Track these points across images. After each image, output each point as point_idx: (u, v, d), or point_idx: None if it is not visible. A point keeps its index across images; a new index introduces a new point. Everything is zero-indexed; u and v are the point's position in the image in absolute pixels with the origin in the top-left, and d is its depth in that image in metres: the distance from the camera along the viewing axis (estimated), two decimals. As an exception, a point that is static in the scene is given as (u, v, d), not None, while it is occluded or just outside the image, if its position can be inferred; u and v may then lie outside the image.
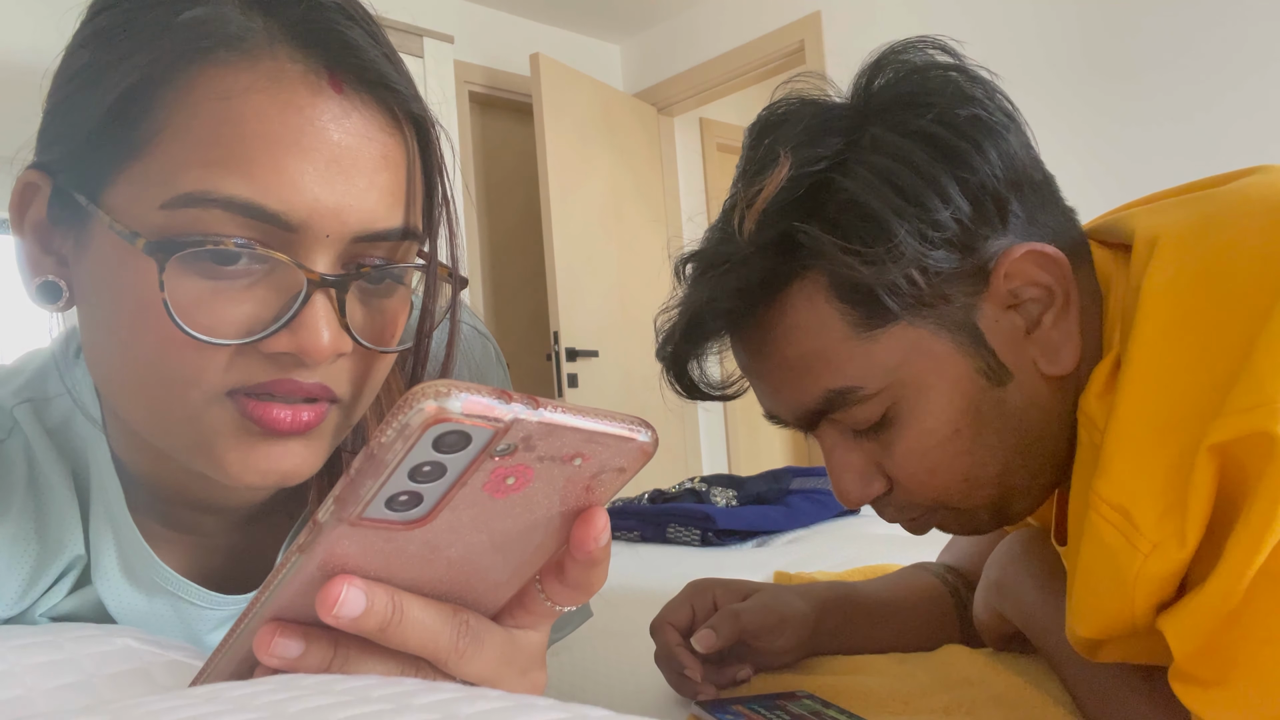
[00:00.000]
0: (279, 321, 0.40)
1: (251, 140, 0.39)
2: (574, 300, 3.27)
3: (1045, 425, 0.52)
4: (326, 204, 0.40)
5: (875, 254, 0.49)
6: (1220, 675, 0.40)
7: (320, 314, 0.40)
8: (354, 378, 0.45)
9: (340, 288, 0.41)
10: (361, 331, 0.44)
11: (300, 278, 0.40)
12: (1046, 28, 2.63)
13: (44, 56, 0.44)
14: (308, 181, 0.39)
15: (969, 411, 0.51)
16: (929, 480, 0.53)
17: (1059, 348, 0.51)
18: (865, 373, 0.52)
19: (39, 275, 0.44)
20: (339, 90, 0.41)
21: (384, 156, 0.42)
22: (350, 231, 0.41)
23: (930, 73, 0.53)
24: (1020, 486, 0.54)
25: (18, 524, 0.47)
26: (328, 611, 0.28)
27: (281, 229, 0.40)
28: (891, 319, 0.51)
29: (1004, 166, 0.50)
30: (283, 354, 0.41)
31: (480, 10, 3.53)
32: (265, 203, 0.39)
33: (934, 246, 0.49)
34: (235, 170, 0.38)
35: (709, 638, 0.64)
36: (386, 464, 0.25)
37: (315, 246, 0.41)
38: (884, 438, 0.53)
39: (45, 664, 0.38)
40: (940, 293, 0.50)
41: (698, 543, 1.42)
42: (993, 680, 0.63)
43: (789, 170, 0.51)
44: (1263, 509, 0.37)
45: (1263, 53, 2.25)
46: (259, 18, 0.40)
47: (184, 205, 0.38)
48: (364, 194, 0.41)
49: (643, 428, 0.28)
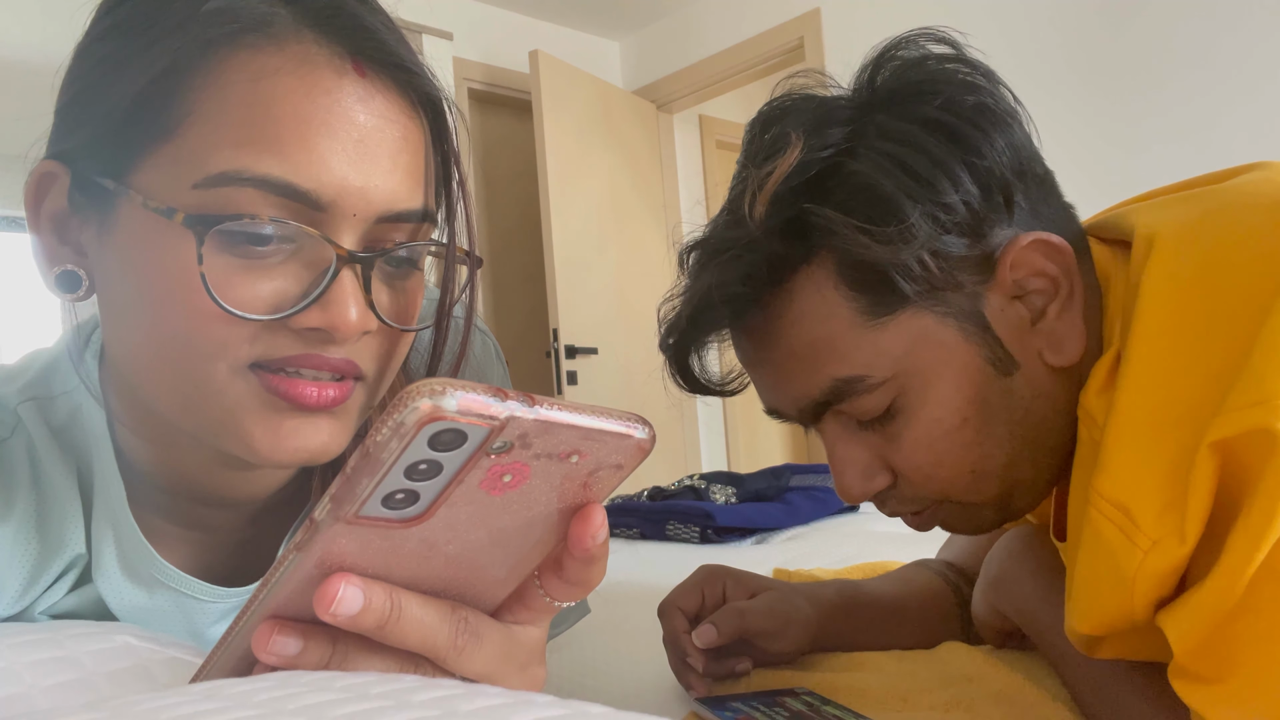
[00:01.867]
0: (309, 297, 0.41)
1: (282, 120, 0.40)
2: (573, 297, 3.27)
3: (1051, 418, 0.52)
4: (354, 183, 0.41)
5: (888, 234, 0.48)
6: (1220, 672, 0.40)
7: (349, 290, 0.42)
8: (378, 355, 0.46)
9: (367, 265, 0.42)
10: (385, 310, 0.45)
11: (330, 253, 0.42)
12: (1042, 24, 2.63)
13: (43, 55, 0.44)
14: (336, 161, 0.41)
15: (976, 401, 0.51)
16: (935, 472, 0.53)
17: (1064, 338, 0.51)
18: (872, 361, 0.51)
19: (57, 265, 0.45)
20: (362, 74, 0.42)
21: (404, 138, 0.44)
22: (375, 211, 0.42)
23: (934, 63, 0.53)
24: (1025, 480, 0.54)
25: (19, 522, 0.47)
26: (325, 609, 0.28)
27: (311, 207, 0.41)
28: (899, 305, 0.50)
29: (1010, 155, 0.50)
30: (310, 330, 0.42)
31: (479, 7, 3.52)
32: (297, 181, 0.40)
33: (945, 230, 0.49)
34: (267, 150, 0.40)
35: (710, 633, 0.64)
36: (382, 462, 0.25)
37: (343, 225, 0.42)
38: (889, 429, 0.53)
39: (45, 661, 0.38)
40: (950, 279, 0.50)
41: (697, 540, 1.42)
42: (992, 677, 0.63)
43: (800, 153, 0.51)
44: (1263, 506, 0.37)
45: (1265, 52, 2.24)
46: (282, 6, 0.42)
47: (217, 184, 0.39)
48: (388, 174, 0.43)
49: (639, 424, 0.28)
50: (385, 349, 0.46)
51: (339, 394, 0.44)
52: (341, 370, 0.43)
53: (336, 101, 0.41)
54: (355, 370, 0.44)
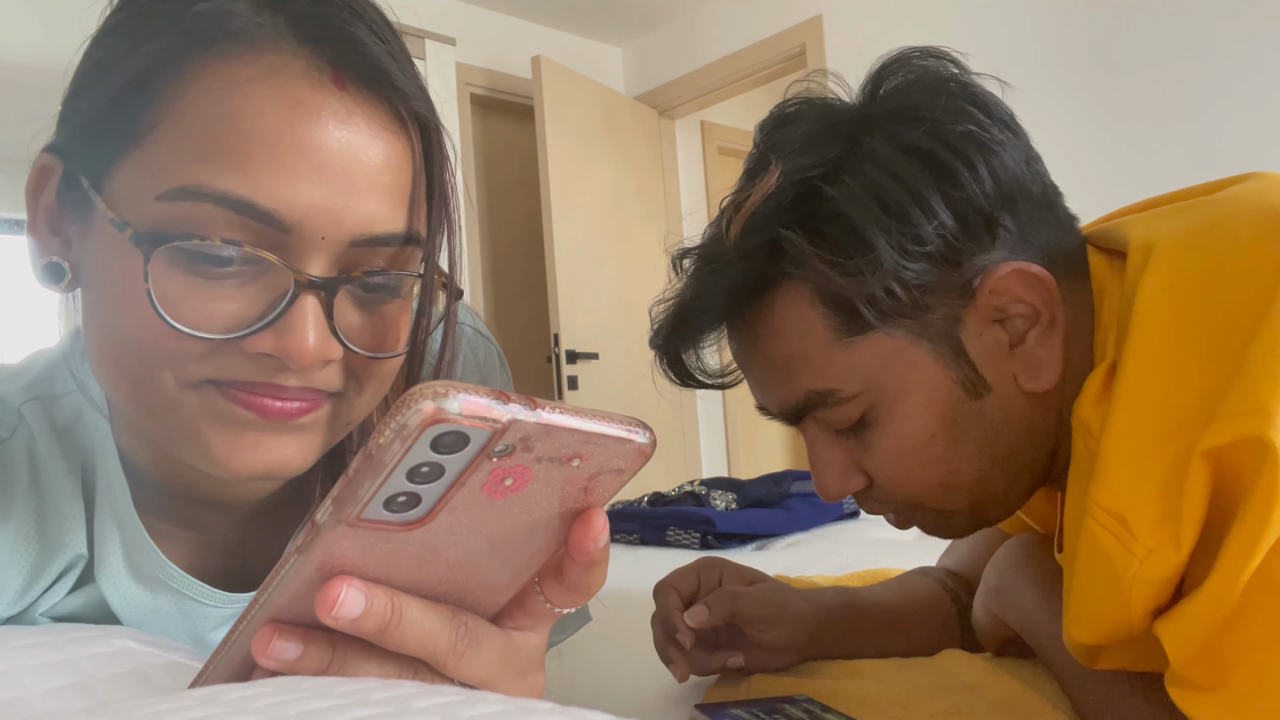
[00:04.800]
0: (263, 320, 0.40)
1: (248, 135, 0.38)
2: (574, 302, 3.27)
3: (1025, 437, 0.54)
4: (322, 205, 0.39)
5: (854, 265, 0.50)
6: (1217, 680, 0.40)
7: (308, 317, 0.40)
8: (348, 379, 0.44)
9: (330, 291, 0.40)
10: (357, 336, 0.43)
11: (288, 278, 0.40)
12: (1046, 29, 2.63)
13: (42, 57, 0.45)
14: (304, 181, 0.38)
15: (945, 420, 0.53)
16: (904, 482, 0.55)
17: (1041, 365, 0.52)
18: (844, 376, 0.53)
19: (45, 256, 0.44)
20: (341, 88, 0.40)
21: (387, 158, 0.41)
22: (347, 235, 0.41)
23: (930, 85, 0.54)
24: (997, 493, 0.55)
25: (19, 523, 0.47)
26: (326, 612, 0.28)
27: (275, 229, 0.39)
28: (870, 327, 0.52)
29: (995, 183, 0.51)
30: (265, 356, 0.40)
31: (482, 13, 3.53)
32: (259, 200, 0.38)
33: (913, 260, 0.50)
34: (231, 165, 0.38)
35: (701, 613, 0.66)
36: (384, 464, 0.25)
37: (310, 249, 0.40)
38: (863, 438, 0.55)
39: (44, 665, 0.38)
40: (920, 304, 0.51)
41: (697, 546, 1.42)
42: (992, 685, 0.63)
43: (778, 179, 0.53)
44: (1257, 513, 0.37)
45: (1266, 52, 2.25)
46: (268, 14, 0.40)
47: (178, 198, 0.38)
48: (364, 196, 0.40)
49: (640, 429, 0.28)
50: (361, 373, 0.44)
51: (306, 406, 0.42)
52: (299, 399, 0.42)
53: (309, 115, 0.39)
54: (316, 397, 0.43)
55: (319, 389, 0.43)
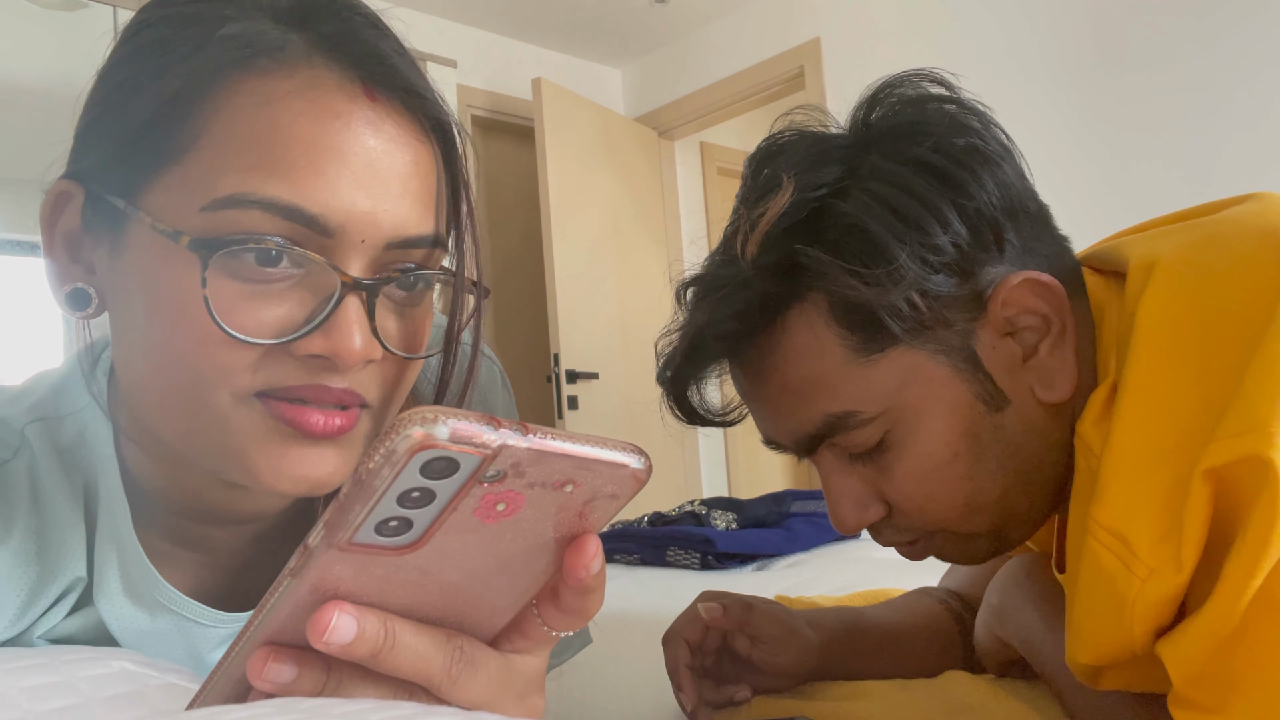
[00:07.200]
0: (312, 323, 0.41)
1: (291, 144, 0.40)
2: (574, 322, 3.27)
3: (1044, 452, 0.53)
4: (363, 209, 0.41)
5: (876, 275, 0.49)
6: (1219, 700, 0.40)
7: (353, 317, 0.41)
8: (383, 384, 0.46)
9: (372, 292, 0.42)
10: (391, 339, 0.45)
11: (335, 280, 0.41)
12: (1045, 53, 2.65)
13: (48, 81, 0.45)
14: (345, 186, 0.41)
15: (967, 436, 0.52)
16: (927, 505, 0.53)
17: (1055, 375, 0.52)
18: (864, 397, 0.52)
19: (67, 284, 0.45)
20: (373, 99, 0.42)
21: (415, 163, 0.44)
22: (384, 237, 0.42)
23: (927, 104, 0.54)
24: (1020, 513, 0.54)
25: (18, 545, 0.47)
26: (318, 638, 0.28)
27: (319, 233, 0.41)
28: (890, 343, 0.51)
29: (1000, 195, 0.51)
30: (314, 358, 0.42)
31: (483, 35, 3.56)
32: (305, 205, 0.40)
33: (934, 270, 0.50)
34: (275, 173, 0.40)
35: (715, 610, 0.65)
36: (374, 489, 0.25)
37: (350, 251, 0.42)
38: (882, 462, 0.54)
39: (41, 686, 0.38)
40: (940, 317, 0.51)
41: (697, 566, 1.41)
42: (994, 707, 0.62)
43: (791, 195, 0.52)
44: (1257, 533, 0.37)
45: (1264, 61, 2.26)
46: (294, 32, 0.42)
47: (224, 207, 0.40)
48: (398, 200, 0.42)
49: (635, 454, 0.28)
50: (391, 377, 0.46)
51: (345, 422, 0.43)
52: (344, 400, 0.43)
53: (346, 125, 0.41)
54: (358, 399, 0.44)
55: (357, 394, 0.44)
